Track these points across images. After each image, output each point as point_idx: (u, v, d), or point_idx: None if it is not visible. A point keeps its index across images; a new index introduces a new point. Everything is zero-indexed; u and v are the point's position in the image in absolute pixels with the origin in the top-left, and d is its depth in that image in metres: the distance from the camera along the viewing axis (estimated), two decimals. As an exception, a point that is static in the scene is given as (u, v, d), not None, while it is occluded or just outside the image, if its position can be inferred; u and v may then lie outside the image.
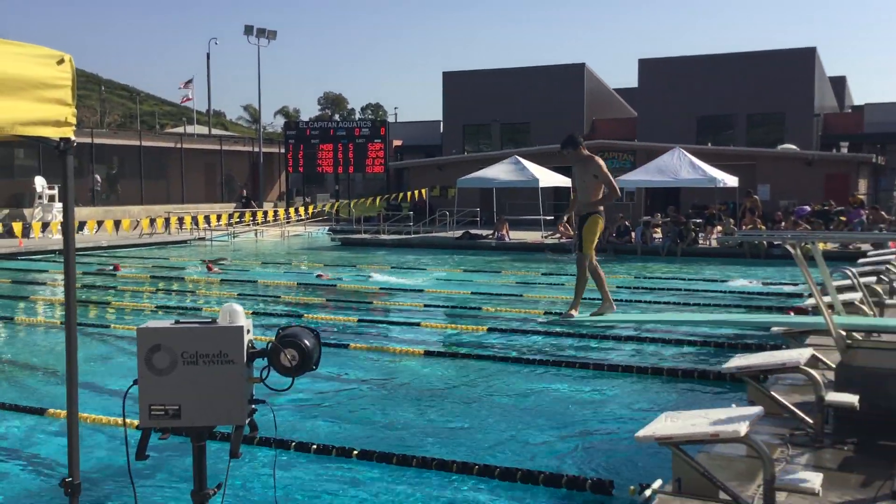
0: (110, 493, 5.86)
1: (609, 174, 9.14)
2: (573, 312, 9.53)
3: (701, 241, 25.18)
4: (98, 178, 36.75)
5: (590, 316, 9.49)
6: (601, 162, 9.15)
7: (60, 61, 3.38)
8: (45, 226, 28.58)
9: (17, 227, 27.14)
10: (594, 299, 10.25)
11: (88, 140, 34.55)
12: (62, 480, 3.49)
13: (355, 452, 6.42)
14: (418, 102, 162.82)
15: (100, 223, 29.32)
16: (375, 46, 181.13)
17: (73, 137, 3.49)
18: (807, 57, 38.82)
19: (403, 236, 30.37)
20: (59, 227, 28.26)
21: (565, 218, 10.11)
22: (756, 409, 4.80)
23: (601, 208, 9.19)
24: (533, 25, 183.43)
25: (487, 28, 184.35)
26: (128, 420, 3.41)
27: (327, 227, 35.55)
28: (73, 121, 3.45)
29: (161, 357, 3.12)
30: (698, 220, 26.68)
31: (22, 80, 3.20)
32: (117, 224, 29.06)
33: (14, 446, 7.02)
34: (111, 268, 20.49)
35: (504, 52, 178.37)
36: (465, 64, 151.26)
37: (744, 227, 24.49)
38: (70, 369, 3.55)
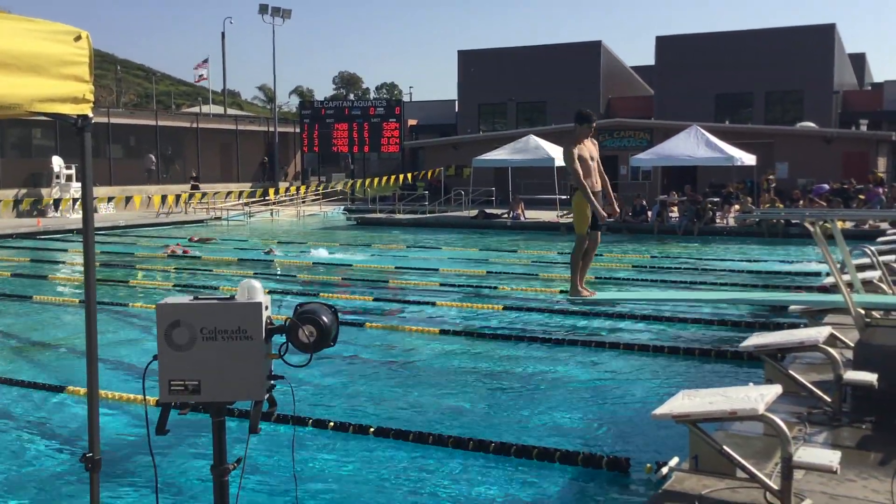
0: (131, 467, 5.93)
1: None
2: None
3: (718, 220, 25.03)
4: (153, 157, 36.98)
5: (570, 296, 9.18)
6: None
7: (78, 38, 3.37)
8: (56, 204, 28.81)
9: (27, 202, 27.43)
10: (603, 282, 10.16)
11: (105, 119, 34.65)
12: (83, 455, 3.52)
13: (372, 430, 6.45)
14: (433, 82, 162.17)
15: (110, 200, 29.55)
16: (390, 25, 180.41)
17: (90, 114, 3.49)
18: (826, 34, 38.33)
19: (419, 216, 30.36)
20: (69, 205, 28.55)
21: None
22: (774, 388, 4.78)
23: None
24: (549, 3, 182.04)
25: (503, 6, 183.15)
26: (148, 396, 3.43)
27: (342, 207, 35.59)
28: (91, 98, 3.45)
29: (180, 333, 3.13)
30: (715, 199, 26.51)
31: (40, 57, 3.19)
32: (127, 201, 29.28)
33: (36, 422, 7.11)
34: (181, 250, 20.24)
35: (520, 30, 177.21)
36: (481, 42, 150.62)
37: (762, 207, 24.32)
38: (90, 346, 3.58)
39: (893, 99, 38.54)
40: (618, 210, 8.73)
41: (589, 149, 8.28)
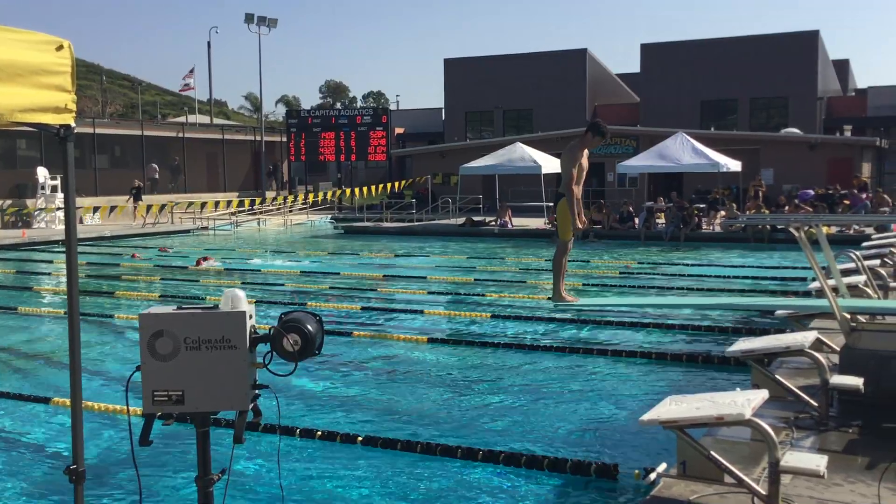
0: (115, 479, 5.87)
1: None
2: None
3: (704, 227, 25.13)
4: (156, 167, 36.74)
5: (553, 301, 9.16)
6: None
7: (59, 47, 3.35)
8: (39, 212, 28.65)
9: (11, 212, 27.28)
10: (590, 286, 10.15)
11: (90, 130, 34.51)
12: (67, 468, 3.49)
13: (360, 438, 6.43)
14: (420, 90, 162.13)
15: (95, 209, 29.42)
16: (377, 34, 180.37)
17: (73, 124, 3.47)
18: (810, 40, 38.61)
19: (406, 224, 30.33)
20: (54, 215, 28.39)
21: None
22: (761, 393, 4.79)
23: None
24: (534, 11, 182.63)
25: (489, 14, 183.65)
26: (132, 407, 3.40)
27: (330, 216, 35.53)
28: (73, 107, 3.43)
29: (164, 343, 3.11)
30: (701, 205, 26.63)
31: (20, 67, 3.17)
32: (111, 211, 29.16)
33: (19, 435, 7.04)
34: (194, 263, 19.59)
35: (505, 39, 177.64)
36: (467, 51, 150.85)
37: (747, 212, 24.44)
38: (73, 357, 3.55)
39: (877, 105, 38.84)
40: (585, 222, 8.79)
41: (584, 158, 8.36)
